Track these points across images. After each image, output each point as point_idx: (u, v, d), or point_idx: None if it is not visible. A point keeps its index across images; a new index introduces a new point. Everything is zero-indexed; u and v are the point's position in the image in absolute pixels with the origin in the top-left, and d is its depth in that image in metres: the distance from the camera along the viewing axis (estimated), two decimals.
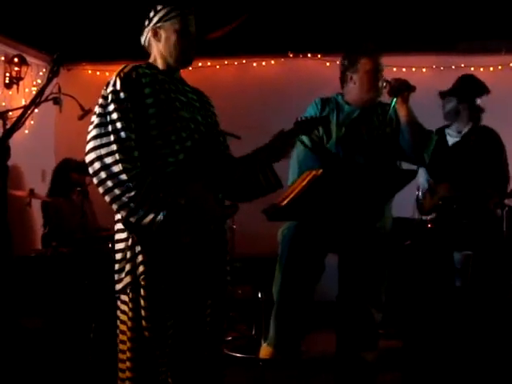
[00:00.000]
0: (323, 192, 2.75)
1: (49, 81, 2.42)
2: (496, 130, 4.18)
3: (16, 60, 5.51)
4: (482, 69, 5.89)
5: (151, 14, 2.53)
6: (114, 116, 2.30)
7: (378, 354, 3.32)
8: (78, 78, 6.24)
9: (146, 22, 2.54)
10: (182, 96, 2.51)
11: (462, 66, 5.90)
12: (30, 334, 4.13)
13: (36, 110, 4.77)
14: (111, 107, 2.32)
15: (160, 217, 2.24)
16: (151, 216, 2.25)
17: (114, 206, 2.29)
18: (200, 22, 2.58)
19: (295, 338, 3.40)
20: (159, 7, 2.51)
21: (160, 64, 2.53)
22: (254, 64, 6.22)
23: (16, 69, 5.53)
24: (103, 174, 2.27)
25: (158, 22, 2.50)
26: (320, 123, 2.68)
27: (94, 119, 2.34)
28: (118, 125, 2.29)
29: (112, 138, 2.28)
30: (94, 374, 3.74)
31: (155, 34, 2.51)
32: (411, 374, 3.35)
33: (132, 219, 2.27)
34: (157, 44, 2.52)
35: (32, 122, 5.67)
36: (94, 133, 2.31)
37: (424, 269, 4.61)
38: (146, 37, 2.55)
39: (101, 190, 2.29)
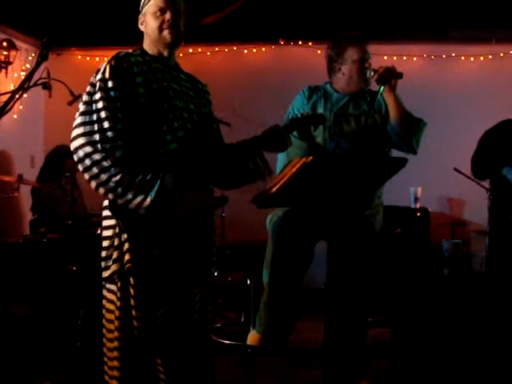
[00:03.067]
0: (313, 179, 2.74)
1: (37, 65, 2.39)
2: None
3: (5, 44, 5.44)
4: (472, 58, 5.91)
5: (142, 1, 2.51)
6: (100, 105, 2.29)
7: (367, 341, 3.34)
8: (68, 63, 6.19)
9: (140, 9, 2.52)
10: (176, 85, 2.49)
11: (453, 55, 5.92)
12: (18, 320, 4.13)
13: (25, 95, 4.77)
14: (98, 96, 2.30)
15: (148, 200, 2.24)
16: (139, 199, 2.24)
17: (101, 191, 2.28)
18: (192, 7, 2.55)
19: (284, 325, 3.41)
20: None
21: (150, 51, 2.49)
22: (245, 51, 6.19)
23: (5, 53, 5.47)
24: (88, 161, 2.26)
25: (142, 8, 2.49)
26: (316, 121, 2.67)
27: (81, 107, 2.33)
28: (103, 114, 2.28)
29: (96, 127, 2.27)
30: (81, 361, 3.74)
31: (141, 22, 2.51)
32: (400, 361, 3.37)
33: (120, 201, 2.27)
34: (145, 31, 2.50)
35: (21, 107, 5.63)
36: (78, 120, 2.30)
37: (412, 257, 4.63)
38: (140, 26, 2.53)
39: (86, 176, 2.28)
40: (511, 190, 4.09)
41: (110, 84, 2.31)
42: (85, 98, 2.34)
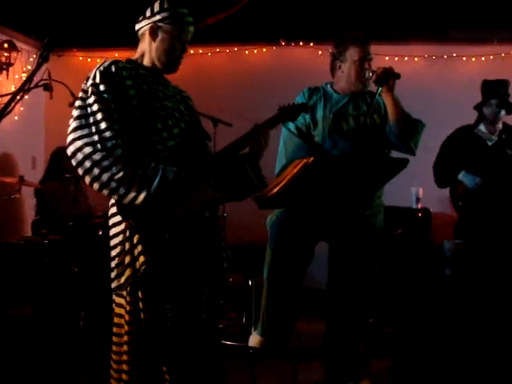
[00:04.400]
0: (314, 180, 2.74)
1: (38, 66, 2.39)
2: None
3: (6, 45, 5.45)
4: (473, 58, 5.90)
5: (156, 8, 2.46)
6: (95, 108, 2.30)
7: (368, 342, 3.34)
8: (69, 64, 6.20)
9: (148, 13, 2.47)
10: (164, 88, 2.52)
11: (454, 55, 5.91)
12: (20, 321, 4.13)
13: (26, 97, 4.77)
14: (91, 99, 2.31)
15: (152, 192, 2.24)
16: (143, 194, 2.24)
17: (105, 192, 2.28)
18: (193, 8, 2.55)
19: (284, 326, 3.41)
20: (166, 5, 2.45)
21: (146, 61, 2.51)
22: (246, 52, 6.19)
23: (6, 54, 5.48)
24: (88, 163, 2.26)
25: (160, 20, 2.45)
26: (303, 109, 2.69)
27: (74, 112, 2.34)
28: (99, 116, 2.29)
29: (93, 129, 2.28)
30: (82, 362, 3.74)
31: (152, 31, 2.46)
32: (401, 362, 3.36)
33: (125, 201, 2.26)
34: (150, 42, 2.48)
35: (22, 109, 5.64)
36: (74, 125, 2.31)
37: (414, 257, 4.63)
38: (143, 28, 2.50)
39: (88, 179, 2.29)
40: (471, 196, 4.26)
41: (101, 87, 2.32)
42: (78, 103, 2.35)
